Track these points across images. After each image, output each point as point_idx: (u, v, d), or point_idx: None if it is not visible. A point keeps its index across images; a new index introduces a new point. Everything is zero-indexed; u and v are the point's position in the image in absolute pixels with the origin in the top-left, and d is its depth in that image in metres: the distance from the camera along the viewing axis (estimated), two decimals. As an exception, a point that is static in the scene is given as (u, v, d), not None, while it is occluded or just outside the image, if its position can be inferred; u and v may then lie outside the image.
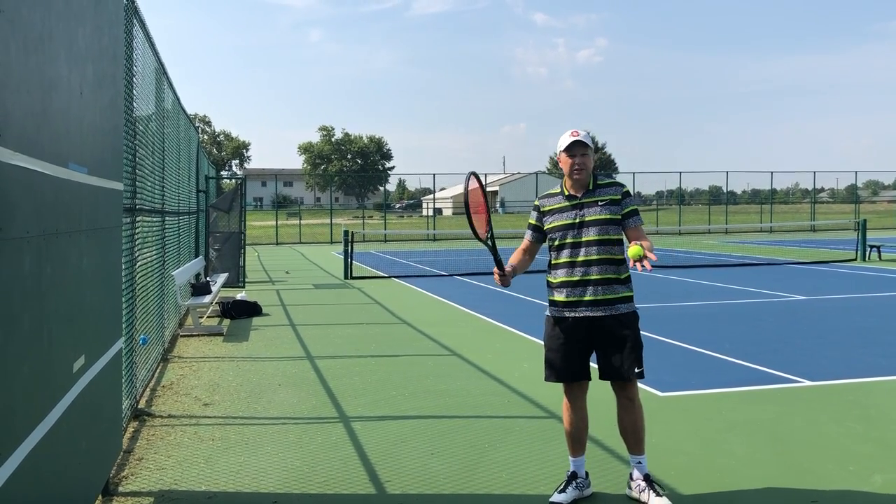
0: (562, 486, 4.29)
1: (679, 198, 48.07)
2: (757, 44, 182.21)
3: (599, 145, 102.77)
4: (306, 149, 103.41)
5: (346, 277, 17.50)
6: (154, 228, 7.84)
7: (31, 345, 2.68)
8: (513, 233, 39.49)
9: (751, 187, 67.38)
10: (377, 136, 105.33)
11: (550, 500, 4.23)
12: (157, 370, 7.68)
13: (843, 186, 76.86)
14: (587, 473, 4.41)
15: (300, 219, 40.80)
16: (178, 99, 10.55)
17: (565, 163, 4.36)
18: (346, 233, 18.39)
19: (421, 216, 66.08)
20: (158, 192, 8.07)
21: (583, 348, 4.32)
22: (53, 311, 2.99)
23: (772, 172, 44.93)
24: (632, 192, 4.56)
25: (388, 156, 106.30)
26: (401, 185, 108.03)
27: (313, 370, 7.67)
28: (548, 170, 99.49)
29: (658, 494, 4.18)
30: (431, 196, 49.14)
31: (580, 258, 4.28)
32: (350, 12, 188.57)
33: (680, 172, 44.25)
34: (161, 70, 8.24)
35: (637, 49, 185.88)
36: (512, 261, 4.57)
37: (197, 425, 5.79)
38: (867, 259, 20.63)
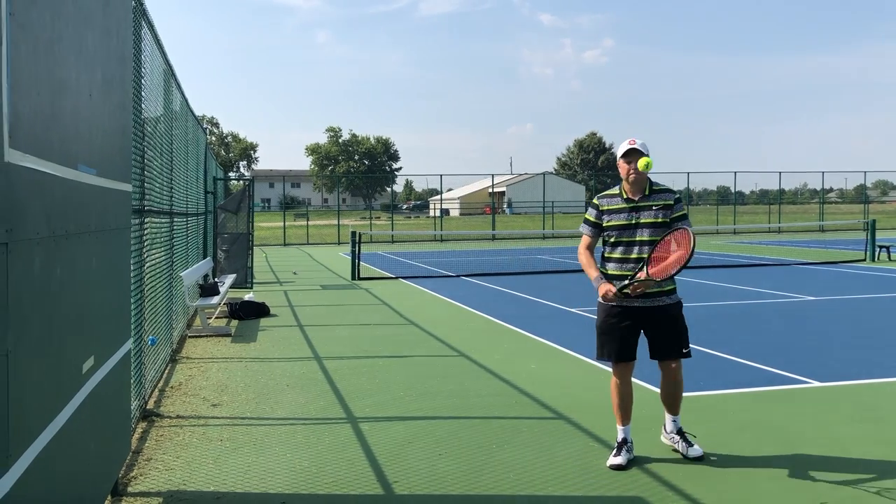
0: (616, 451, 4.86)
1: (687, 198, 47.97)
2: (765, 43, 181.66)
3: (607, 146, 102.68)
4: (314, 150, 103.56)
5: (353, 278, 17.52)
6: (162, 230, 7.86)
7: (40, 346, 2.70)
8: (521, 234, 39.53)
9: (759, 188, 67.25)
10: (384, 137, 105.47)
11: (608, 463, 4.77)
12: (166, 371, 7.71)
13: (852, 186, 76.59)
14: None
15: (308, 220, 40.90)
16: (186, 100, 10.58)
17: (623, 168, 4.92)
18: (353, 234, 18.41)
19: (428, 217, 66.10)
20: (167, 194, 8.09)
21: (632, 333, 4.91)
22: (63, 313, 3.00)
23: (780, 173, 44.77)
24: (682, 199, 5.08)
25: (395, 157, 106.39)
26: (408, 185, 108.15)
27: (321, 371, 7.69)
28: (555, 170, 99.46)
29: (690, 444, 4.93)
30: (438, 197, 49.15)
31: (633, 255, 4.86)
32: (357, 14, 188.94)
33: (688, 173, 44.16)
34: (169, 72, 8.27)
35: (644, 49, 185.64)
36: (593, 265, 5.00)
37: (205, 426, 5.81)
38: (876, 259, 20.54)
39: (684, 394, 6.38)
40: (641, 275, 4.72)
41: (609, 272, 4.96)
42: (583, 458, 4.96)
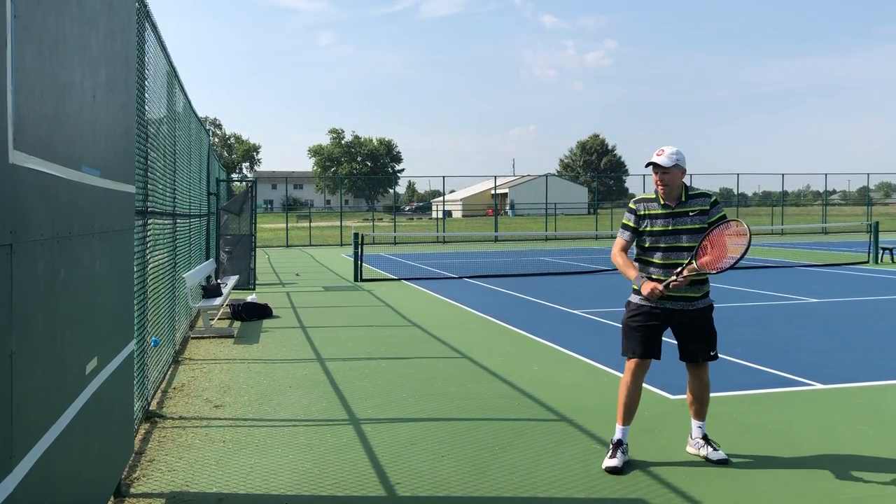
0: (610, 453, 4.82)
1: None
2: (768, 45, 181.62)
3: (609, 148, 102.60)
4: (316, 151, 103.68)
5: (356, 280, 17.53)
6: (165, 231, 7.87)
7: (44, 346, 2.70)
8: (524, 235, 39.50)
9: (762, 189, 67.21)
10: (387, 139, 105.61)
11: (604, 466, 4.75)
12: (169, 372, 7.72)
13: (854, 188, 76.47)
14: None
15: (310, 221, 40.88)
16: (190, 102, 10.60)
17: (653, 177, 4.92)
18: (356, 235, 18.42)
19: (431, 218, 66.11)
20: (170, 195, 8.10)
21: (659, 333, 4.94)
22: (66, 313, 3.00)
23: (783, 174, 44.73)
24: (719, 200, 5.08)
25: (397, 158, 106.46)
26: (410, 187, 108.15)
27: (323, 372, 7.69)
28: (558, 172, 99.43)
29: (715, 449, 4.92)
30: (441, 198, 49.16)
31: (671, 261, 4.87)
32: (359, 15, 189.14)
33: (690, 174, 44.05)
34: (172, 73, 8.28)
35: (646, 51, 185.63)
36: (630, 265, 4.99)
37: (208, 427, 5.81)
38: (880, 261, 20.51)
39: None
40: (690, 267, 4.72)
41: (650, 277, 4.95)
42: (586, 460, 4.96)
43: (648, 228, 4.94)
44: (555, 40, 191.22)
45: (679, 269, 4.74)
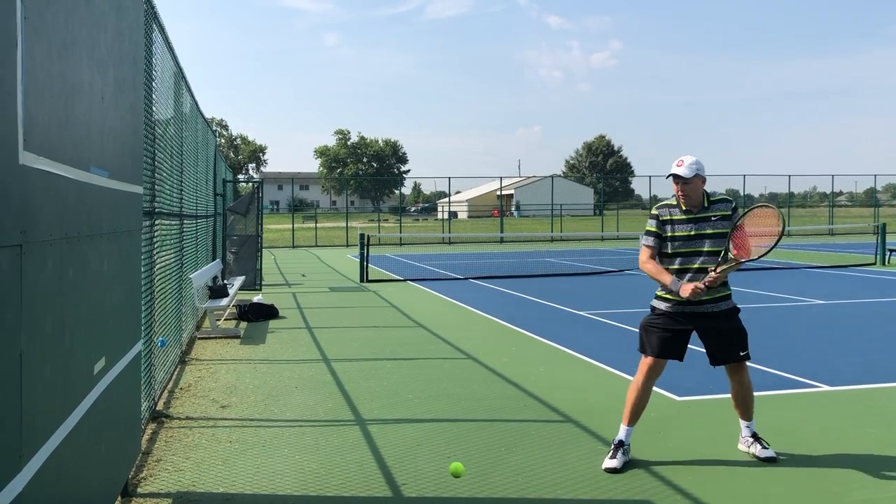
0: (611, 453, 4.85)
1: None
2: (774, 46, 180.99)
3: (615, 149, 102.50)
4: (322, 152, 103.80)
5: (361, 280, 17.54)
6: (172, 231, 7.89)
7: (52, 347, 2.71)
8: (529, 236, 39.48)
9: (768, 191, 66.86)
10: (392, 140, 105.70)
11: (604, 466, 4.78)
12: (175, 372, 7.74)
13: (861, 190, 76.13)
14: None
15: (316, 222, 40.94)
16: (196, 103, 10.63)
17: (674, 188, 4.98)
18: (361, 236, 18.44)
19: (436, 219, 66.11)
20: (177, 196, 8.13)
21: (679, 335, 4.95)
22: (75, 314, 3.02)
23: (789, 176, 44.61)
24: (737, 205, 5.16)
25: (403, 159, 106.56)
26: (416, 188, 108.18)
27: (329, 373, 7.70)
28: (563, 173, 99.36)
29: (764, 447, 4.97)
30: (447, 199, 49.16)
31: (695, 266, 4.91)
32: (365, 16, 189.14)
33: (696, 176, 43.93)
34: (180, 74, 8.31)
35: (651, 52, 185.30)
36: (663, 270, 4.97)
37: (214, 427, 5.83)
38: (886, 263, 20.44)
39: (698, 397, 6.42)
40: (730, 262, 4.76)
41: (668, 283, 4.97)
42: (591, 461, 4.96)
43: (671, 234, 4.98)
44: (560, 41, 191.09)
45: (716, 265, 4.79)
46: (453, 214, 54.01)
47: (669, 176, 4.94)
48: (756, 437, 5.05)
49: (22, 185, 2.32)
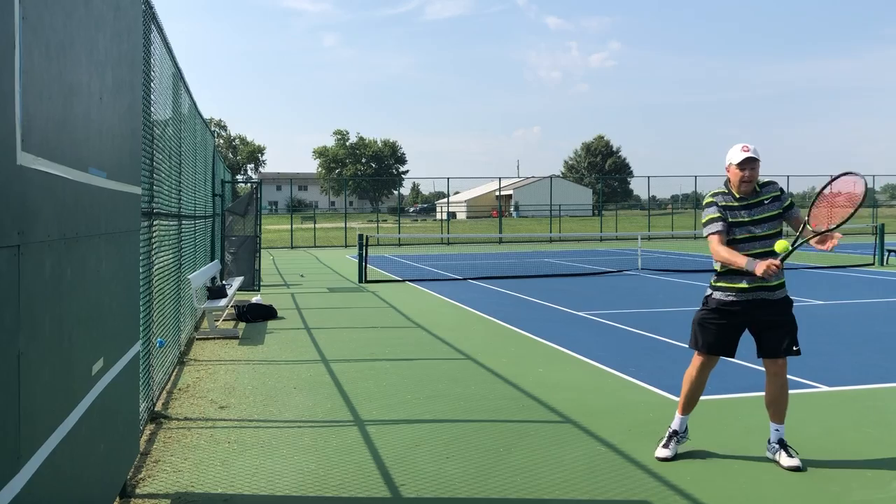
0: (664, 442, 4.98)
1: (695, 202, 47.86)
2: (772, 47, 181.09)
3: (614, 149, 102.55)
4: (321, 153, 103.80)
5: (360, 281, 17.54)
6: (171, 232, 7.89)
7: (51, 347, 2.71)
8: (528, 237, 39.51)
9: (767, 191, 66.71)
10: (391, 140, 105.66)
11: (656, 455, 4.92)
12: (174, 373, 7.73)
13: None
14: (686, 428, 5.10)
15: (315, 223, 40.96)
16: (195, 103, 10.63)
17: (735, 174, 4.91)
18: (360, 236, 18.44)
19: (435, 220, 66.13)
20: (175, 196, 8.13)
21: (734, 329, 4.96)
22: (73, 314, 3.02)
23: (788, 176, 44.54)
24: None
25: (402, 160, 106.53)
26: (415, 188, 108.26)
27: (328, 373, 7.70)
28: (562, 174, 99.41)
29: (790, 456, 4.82)
30: (445, 200, 49.18)
31: (754, 251, 4.85)
32: (364, 17, 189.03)
33: (695, 176, 44.17)
34: (178, 75, 8.30)
35: (650, 52, 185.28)
36: (737, 253, 4.85)
37: (213, 428, 5.82)
38: (885, 264, 20.46)
39: (701, 397, 6.40)
40: (807, 234, 4.79)
41: (727, 271, 4.92)
42: (590, 461, 4.96)
43: (731, 220, 4.94)
44: (559, 42, 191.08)
45: (794, 241, 4.82)
46: (452, 215, 54.03)
47: (738, 164, 4.81)
48: (783, 444, 4.92)
49: (20, 185, 2.32)
